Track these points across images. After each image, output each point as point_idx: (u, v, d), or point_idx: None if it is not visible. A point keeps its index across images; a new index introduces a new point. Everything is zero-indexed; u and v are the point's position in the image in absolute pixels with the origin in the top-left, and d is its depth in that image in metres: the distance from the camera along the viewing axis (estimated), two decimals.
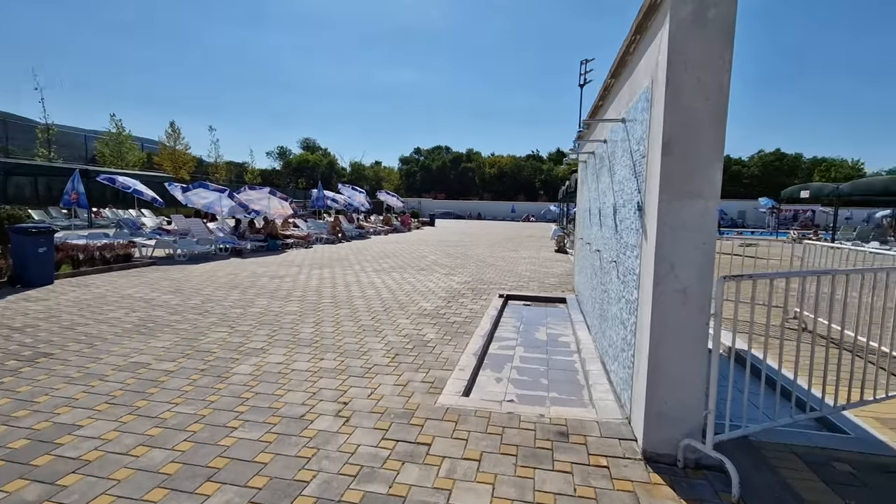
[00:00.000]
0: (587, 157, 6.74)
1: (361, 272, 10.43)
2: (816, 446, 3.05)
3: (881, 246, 18.37)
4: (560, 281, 9.69)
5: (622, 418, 3.31)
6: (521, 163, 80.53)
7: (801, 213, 43.95)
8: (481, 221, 50.91)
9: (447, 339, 5.32)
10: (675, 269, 2.69)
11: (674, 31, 2.59)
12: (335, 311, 6.56)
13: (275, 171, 71.12)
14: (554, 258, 14.31)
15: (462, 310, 6.81)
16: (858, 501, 2.48)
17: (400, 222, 28.60)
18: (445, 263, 12.39)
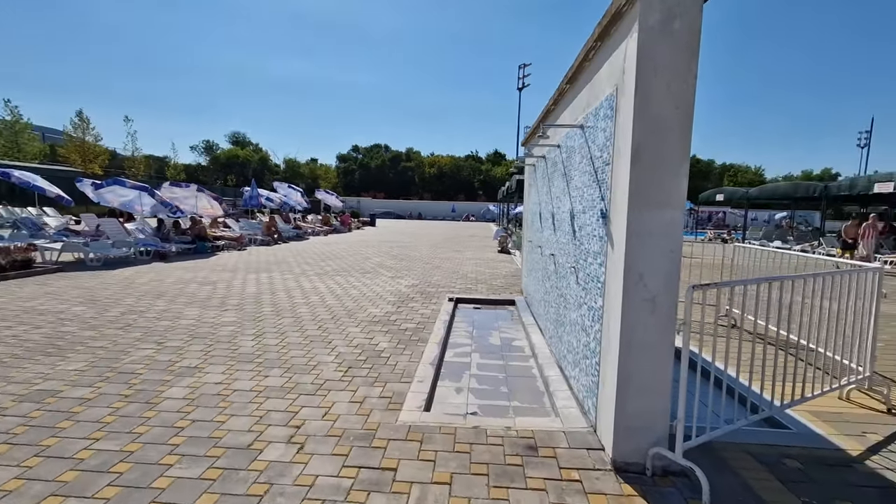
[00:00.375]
0: (536, 161, 6.79)
1: (303, 276, 9.90)
2: (766, 444, 3.20)
3: (783, 244, 20.36)
4: (507, 282, 9.76)
5: (588, 427, 3.29)
6: (461, 163, 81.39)
7: (714, 214, 47.98)
8: (422, 221, 50.80)
9: (401, 347, 5.11)
10: (644, 277, 2.69)
11: (643, 38, 2.57)
12: (278, 320, 6.12)
13: (201, 166, 66.71)
14: (498, 259, 14.46)
15: (413, 315, 6.62)
16: (810, 497, 2.60)
17: (340, 222, 27.77)
18: (391, 266, 12.10)
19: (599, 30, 3.18)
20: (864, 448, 3.18)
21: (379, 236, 23.61)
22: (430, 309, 7.05)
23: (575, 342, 3.88)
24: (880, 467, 2.95)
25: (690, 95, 2.59)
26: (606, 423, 2.96)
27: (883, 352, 5.18)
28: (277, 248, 15.99)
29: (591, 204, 3.51)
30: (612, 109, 3.06)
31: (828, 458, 3.04)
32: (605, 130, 3.19)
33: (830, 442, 3.26)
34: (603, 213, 3.18)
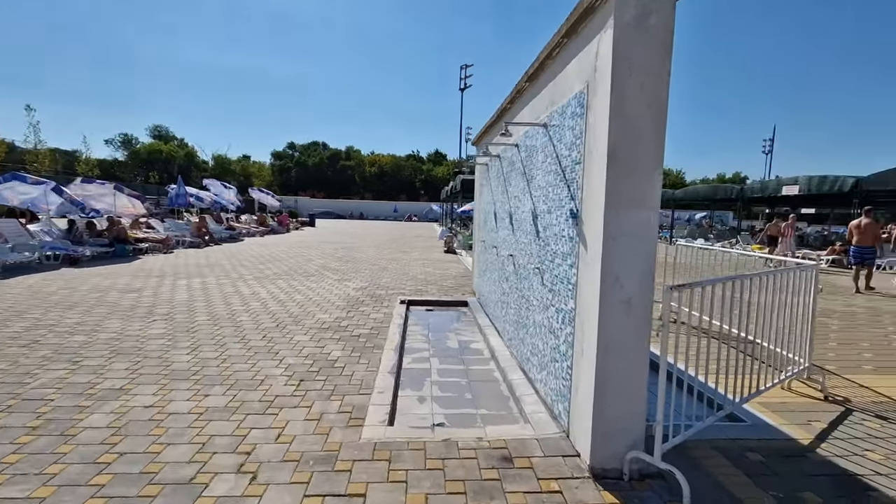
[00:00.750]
0: (490, 160, 6.72)
1: (240, 281, 9.22)
2: (728, 438, 3.28)
3: (705, 242, 21.94)
4: (457, 283, 9.66)
5: (559, 432, 3.21)
6: (402, 162, 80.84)
7: None
8: (364, 221, 49.87)
9: (356, 356, 4.81)
10: (621, 279, 2.64)
11: (618, 35, 2.51)
12: (215, 330, 5.58)
13: (118, 162, 61.24)
14: (445, 259, 14.36)
15: (365, 320, 6.31)
16: (776, 490, 2.67)
17: (277, 222, 26.47)
18: (336, 268, 11.62)
19: (567, 26, 3.11)
20: (812, 436, 3.35)
21: (320, 237, 22.75)
22: (382, 313, 6.77)
23: (541, 345, 3.81)
24: (830, 455, 3.10)
25: (664, 94, 2.57)
26: (581, 428, 2.88)
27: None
28: (209, 251, 14.89)
29: (558, 204, 3.44)
30: (582, 107, 2.99)
31: (783, 449, 3.16)
32: (574, 129, 3.12)
33: (782, 432, 3.41)
34: (573, 213, 3.10)
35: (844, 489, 2.71)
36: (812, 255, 15.38)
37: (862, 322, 7.06)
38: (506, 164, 5.52)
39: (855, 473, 2.87)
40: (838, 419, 3.64)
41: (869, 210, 10.08)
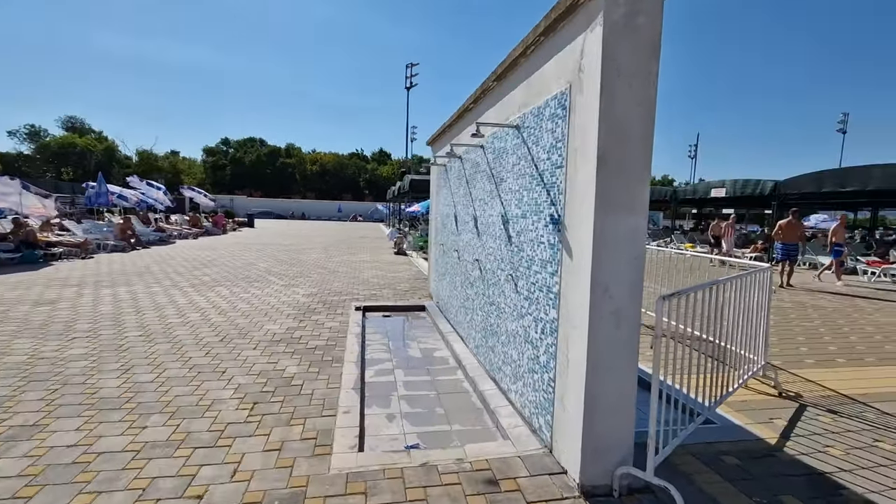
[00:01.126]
0: (449, 161, 6.53)
1: (174, 289, 8.42)
2: (702, 442, 3.29)
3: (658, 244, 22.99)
4: (412, 286, 9.40)
5: (541, 447, 3.08)
6: (345, 161, 79.08)
7: None
8: (306, 222, 48.21)
9: (314, 371, 4.45)
10: (610, 289, 2.53)
11: (607, 34, 2.40)
12: (149, 347, 4.98)
13: (23, 156, 55.17)
14: (396, 261, 14.04)
15: (319, 330, 5.92)
16: (757, 494, 2.68)
17: (212, 223, 24.84)
18: (281, 272, 10.97)
19: (546, 23, 2.98)
20: (777, 435, 3.45)
21: (260, 239, 21.59)
22: (336, 321, 6.39)
23: (515, 354, 3.67)
24: (796, 453, 3.19)
25: (653, 96, 2.49)
26: (568, 444, 2.76)
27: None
28: (136, 255, 13.61)
29: (534, 208, 3.31)
30: (563, 109, 2.86)
31: (753, 450, 3.22)
32: (554, 131, 3.00)
33: (749, 432, 3.48)
34: (554, 218, 2.98)
35: (818, 489, 2.77)
36: (737, 252, 16.57)
37: (793, 317, 7.58)
38: (469, 166, 5.35)
39: (823, 472, 2.96)
40: (795, 416, 3.79)
41: (795, 211, 10.94)
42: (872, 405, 4.02)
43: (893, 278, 12.42)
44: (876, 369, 4.98)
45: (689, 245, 18.61)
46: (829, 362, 5.20)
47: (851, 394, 4.26)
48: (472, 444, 3.15)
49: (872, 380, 4.65)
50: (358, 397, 3.85)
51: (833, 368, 4.98)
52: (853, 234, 23.23)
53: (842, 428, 3.58)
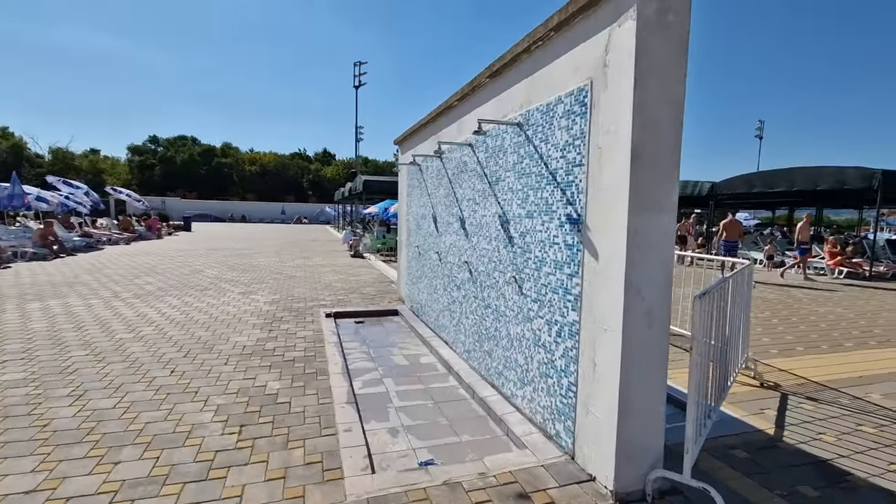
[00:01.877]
0: (423, 161, 6.34)
1: (116, 300, 7.61)
2: (709, 437, 3.34)
3: None
4: (378, 290, 9.10)
5: (562, 454, 2.98)
6: (287, 161, 76.28)
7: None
8: (247, 225, 45.96)
9: (299, 386, 4.12)
10: (642, 290, 2.48)
11: (641, 28, 2.34)
12: (101, 368, 4.41)
13: None
14: (355, 264, 13.60)
15: (293, 340, 5.53)
16: (774, 487, 2.74)
17: (146, 227, 22.96)
18: (234, 278, 10.26)
19: (560, 17, 2.89)
20: (772, 425, 3.58)
21: (202, 243, 20.21)
22: (309, 330, 6.01)
23: (522, 359, 3.56)
24: (795, 442, 3.31)
25: (682, 93, 2.47)
26: (596, 450, 2.68)
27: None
28: (61, 263, 12.23)
29: (545, 208, 3.22)
30: (583, 105, 2.79)
31: (756, 442, 3.31)
32: (571, 129, 2.92)
33: (747, 424, 3.59)
34: (572, 218, 2.90)
35: (826, 477, 2.87)
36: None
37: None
38: (452, 165, 5.20)
39: (825, 459, 3.08)
40: (781, 405, 3.96)
41: (734, 211, 11.73)
42: (843, 391, 4.30)
43: (818, 270, 13.65)
44: (833, 356, 5.36)
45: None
46: (790, 351, 5.54)
47: (821, 380, 4.53)
48: (490, 455, 3.00)
49: (833, 366, 4.99)
50: (355, 412, 3.58)
51: (795, 357, 5.31)
52: (772, 231, 25.39)
53: (825, 414, 3.78)
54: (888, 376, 4.69)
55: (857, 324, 7.04)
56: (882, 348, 5.73)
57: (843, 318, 7.47)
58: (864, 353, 5.48)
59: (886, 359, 5.29)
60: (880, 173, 12.15)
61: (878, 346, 5.81)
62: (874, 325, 6.95)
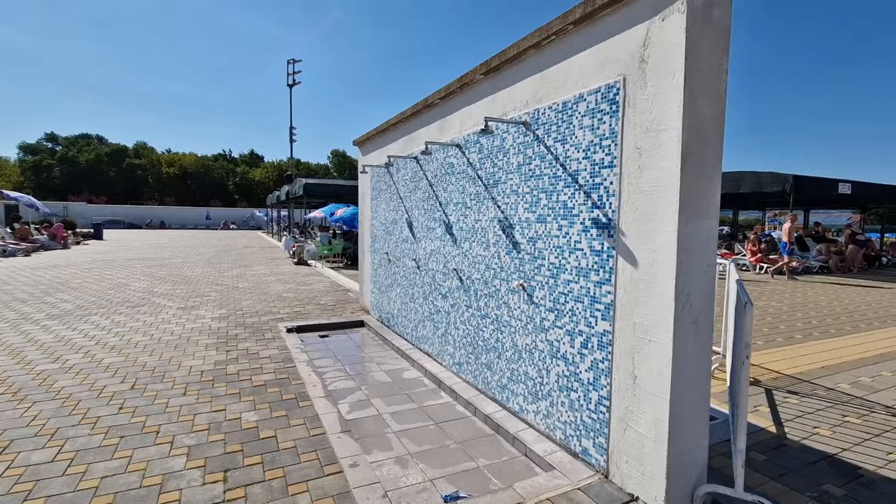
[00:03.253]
0: (394, 162, 5.99)
1: (27, 322, 6.47)
2: (720, 440, 3.34)
3: None
4: (336, 300, 8.57)
5: (595, 473, 2.81)
6: (210, 163, 71.50)
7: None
8: (169, 231, 42.35)
9: (280, 415, 3.62)
10: (691, 298, 2.36)
11: (690, 24, 2.22)
12: (25, 410, 3.62)
13: None
14: (301, 272, 12.81)
15: (256, 360, 4.94)
16: (802, 489, 2.74)
17: (48, 236, 20.27)
18: (168, 292, 9.20)
19: (585, 10, 2.73)
20: (770, 422, 3.66)
21: (119, 253, 18.16)
22: (272, 348, 5.43)
23: (533, 371, 3.36)
24: (797, 438, 3.39)
25: (725, 91, 2.39)
26: (637, 468, 2.53)
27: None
28: None
29: (562, 212, 3.05)
30: (613, 104, 2.64)
31: (765, 442, 3.35)
32: (597, 128, 2.76)
33: (750, 423, 3.64)
34: (601, 223, 2.74)
35: (842, 473, 2.93)
36: None
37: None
38: (433, 167, 4.92)
39: (832, 454, 3.16)
40: (769, 401, 4.09)
41: None
42: (815, 382, 4.54)
43: (744, 268, 14.86)
44: (791, 349, 5.70)
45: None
46: (753, 346, 5.83)
47: (792, 374, 4.77)
48: (519, 482, 2.75)
49: (796, 358, 5.30)
50: (354, 442, 3.19)
51: (759, 351, 5.58)
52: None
53: (811, 408, 3.94)
54: (846, 366, 5.05)
55: (795, 316, 7.63)
56: (827, 339, 6.20)
57: (783, 311, 8.08)
58: (815, 345, 5.89)
59: (836, 349, 5.72)
60: (791, 178, 13.45)
61: (823, 337, 6.29)
62: (810, 317, 7.56)
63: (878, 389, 4.35)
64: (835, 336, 6.35)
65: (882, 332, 6.59)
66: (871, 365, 5.08)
